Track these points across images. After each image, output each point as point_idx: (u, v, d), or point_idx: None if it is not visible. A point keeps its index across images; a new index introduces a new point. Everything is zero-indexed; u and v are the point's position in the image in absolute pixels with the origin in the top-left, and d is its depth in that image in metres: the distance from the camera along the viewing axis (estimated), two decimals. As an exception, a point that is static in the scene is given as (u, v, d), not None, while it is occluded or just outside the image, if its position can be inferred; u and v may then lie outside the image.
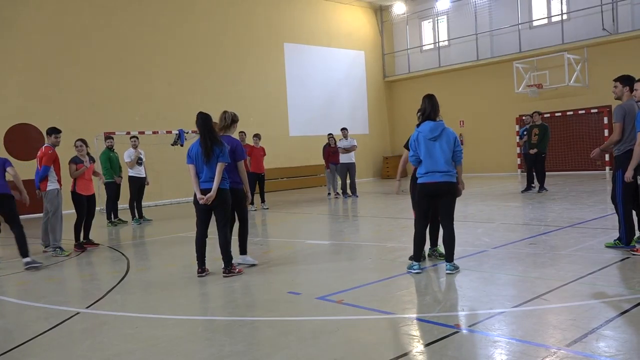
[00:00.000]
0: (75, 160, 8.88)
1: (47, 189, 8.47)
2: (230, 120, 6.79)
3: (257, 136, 13.76)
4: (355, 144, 15.84)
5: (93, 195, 9.06)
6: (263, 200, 14.21)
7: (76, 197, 8.75)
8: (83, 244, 8.92)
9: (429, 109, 5.90)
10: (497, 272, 5.86)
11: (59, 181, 8.61)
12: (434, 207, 6.00)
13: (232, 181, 6.57)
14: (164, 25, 18.15)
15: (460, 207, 11.65)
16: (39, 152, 8.54)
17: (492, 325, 4.17)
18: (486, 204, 12.01)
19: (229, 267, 6.34)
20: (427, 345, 3.85)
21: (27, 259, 7.55)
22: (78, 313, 5.19)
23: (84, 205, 8.82)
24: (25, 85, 15.37)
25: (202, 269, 6.40)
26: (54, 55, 15.89)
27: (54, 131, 8.69)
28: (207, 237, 6.46)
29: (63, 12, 16.13)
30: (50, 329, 4.72)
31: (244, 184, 6.76)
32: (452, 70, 22.73)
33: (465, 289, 5.34)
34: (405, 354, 3.71)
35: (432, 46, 23.93)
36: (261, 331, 4.40)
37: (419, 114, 6.03)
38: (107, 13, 16.94)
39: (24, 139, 13.21)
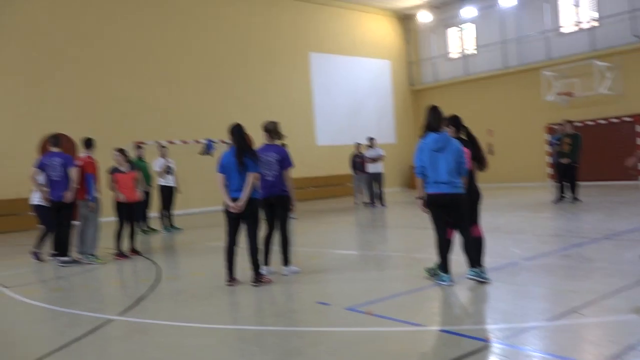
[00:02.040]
0: (113, 170, 9.10)
1: (86, 197, 8.67)
2: (280, 130, 6.96)
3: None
4: (383, 153, 15.82)
5: (134, 203, 9.18)
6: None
7: (117, 205, 8.96)
8: (124, 252, 9.05)
9: (432, 121, 5.90)
10: (529, 285, 5.77)
11: (97, 189, 8.84)
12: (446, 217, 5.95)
13: (280, 189, 6.72)
14: (192, 36, 18.42)
15: (489, 218, 11.52)
16: (79, 162, 8.75)
17: (526, 340, 4.11)
18: (516, 215, 11.84)
19: (258, 276, 6.37)
20: (457, 359, 3.81)
21: (66, 258, 8.26)
22: (111, 320, 5.27)
23: (123, 213, 9.01)
24: (62, 97, 15.74)
25: (231, 278, 6.44)
26: (89, 67, 16.25)
27: (92, 142, 9.00)
28: (237, 246, 6.51)
29: (96, 26, 16.52)
30: (84, 335, 4.80)
31: (290, 192, 6.85)
32: (479, 79, 22.53)
33: (496, 302, 5.27)
34: (437, 367, 3.68)
35: (458, 54, 23.79)
36: (291, 341, 4.41)
37: (455, 120, 6.05)
38: (137, 27, 17.28)
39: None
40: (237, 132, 6.44)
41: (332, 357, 3.94)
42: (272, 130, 6.94)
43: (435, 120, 5.88)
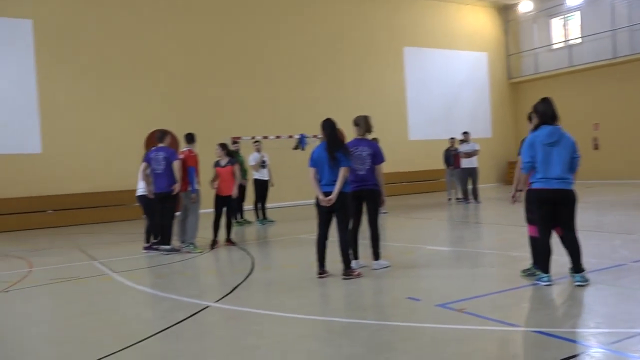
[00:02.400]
0: (215, 164, 9.58)
1: (188, 189, 9.14)
2: (369, 123, 6.97)
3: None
4: (478, 148, 15.34)
5: (231, 196, 9.55)
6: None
7: (215, 198, 9.46)
8: (220, 242, 9.49)
9: (547, 113, 5.58)
10: (636, 288, 5.37)
11: (198, 182, 9.29)
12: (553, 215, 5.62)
13: (372, 183, 6.75)
14: (285, 34, 18.80)
15: (595, 216, 10.84)
16: (182, 156, 9.22)
17: (632, 346, 3.83)
18: (624, 214, 11.05)
19: (348, 270, 6.41)
20: (556, 361, 3.63)
21: (167, 246, 8.84)
22: (208, 307, 5.52)
23: (219, 205, 9.44)
24: (163, 97, 16.66)
25: (322, 270, 6.53)
26: (187, 67, 17.08)
27: (194, 137, 9.51)
28: (327, 239, 6.58)
29: (195, 29, 17.31)
30: (184, 319, 5.06)
31: (381, 187, 6.86)
32: (584, 70, 21.19)
33: (600, 305, 4.96)
34: (532, 370, 3.52)
35: (562, 44, 22.52)
36: (380, 335, 4.40)
37: (532, 115, 5.74)
38: (232, 28, 17.92)
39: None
40: (328, 127, 6.51)
41: (422, 353, 3.89)
42: (362, 124, 6.94)
43: (548, 113, 5.58)
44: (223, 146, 9.71)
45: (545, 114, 5.58)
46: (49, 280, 7.36)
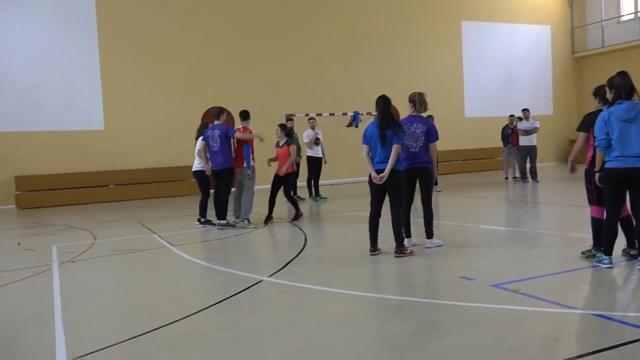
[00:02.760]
0: (276, 144, 9.77)
1: (243, 165, 9.29)
2: (426, 101, 6.87)
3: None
4: (537, 125, 14.83)
5: (287, 175, 9.60)
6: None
7: (274, 176, 9.64)
8: (273, 218, 9.70)
9: (624, 87, 5.27)
10: None
11: (253, 159, 9.43)
12: (624, 196, 5.37)
13: (425, 161, 6.68)
14: (340, 9, 18.62)
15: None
16: (237, 133, 9.35)
17: (699, 333, 3.66)
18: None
19: (400, 248, 6.39)
20: (614, 347, 3.51)
21: (222, 221, 9.07)
22: (261, 281, 5.64)
23: (276, 184, 9.64)
24: (220, 73, 16.91)
25: (374, 247, 6.54)
26: (243, 45, 17.23)
27: (248, 114, 9.65)
28: (380, 216, 6.57)
29: (251, 8, 17.40)
30: (238, 292, 5.20)
31: (433, 165, 6.78)
32: (656, 43, 20.03)
33: (665, 289, 4.75)
34: (591, 354, 3.43)
35: (632, 16, 21.30)
36: (432, 313, 4.38)
37: (599, 92, 5.47)
38: (287, 6, 17.92)
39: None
40: (381, 103, 6.42)
41: (475, 333, 3.85)
42: (417, 101, 6.83)
43: (625, 87, 5.28)
44: (282, 126, 9.82)
45: (621, 88, 5.29)
46: (112, 251, 7.69)
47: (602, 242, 5.48)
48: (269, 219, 9.58)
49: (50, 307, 4.97)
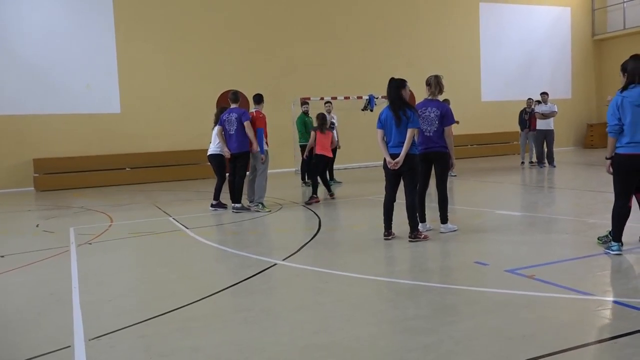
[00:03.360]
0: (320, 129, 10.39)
1: (257, 150, 9.30)
2: (442, 85, 6.78)
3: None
4: (556, 109, 14.63)
5: (320, 157, 10.29)
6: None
7: (316, 157, 10.32)
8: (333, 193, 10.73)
9: (638, 71, 5.14)
10: None
11: (266, 143, 9.43)
12: (634, 184, 5.29)
13: (440, 145, 6.61)
14: (358, -9, 18.46)
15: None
16: (247, 123, 9.31)
17: None
18: None
19: (414, 232, 6.38)
20: (631, 333, 3.48)
21: (237, 205, 9.14)
22: (276, 264, 5.67)
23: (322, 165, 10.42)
24: (236, 55, 16.88)
25: (388, 232, 6.53)
26: (259, 27, 17.16)
27: (261, 98, 9.59)
28: (395, 201, 6.55)
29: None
30: (253, 275, 5.24)
31: (450, 150, 6.71)
32: (680, 25, 19.57)
33: (683, 276, 4.69)
34: (606, 340, 3.41)
35: (655, -3, 20.82)
36: (446, 298, 4.38)
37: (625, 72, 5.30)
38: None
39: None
40: (390, 87, 6.37)
41: (489, 317, 3.84)
42: (433, 84, 6.76)
43: (638, 71, 5.15)
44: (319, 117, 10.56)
45: (635, 71, 5.18)
46: (129, 233, 7.78)
47: (613, 228, 5.42)
48: (313, 198, 10.06)
49: (68, 288, 5.06)
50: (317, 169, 10.34)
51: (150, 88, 16.02)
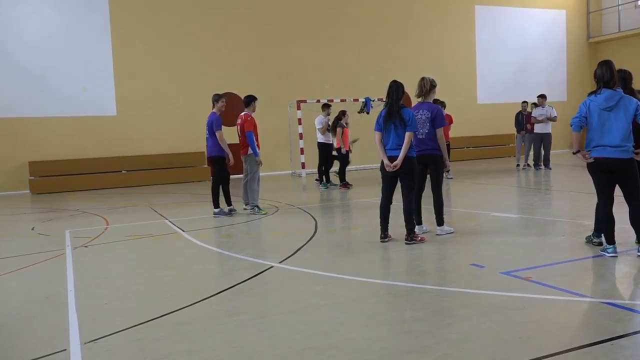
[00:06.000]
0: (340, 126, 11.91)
1: (247, 153, 9.26)
2: (429, 86, 6.77)
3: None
4: (555, 114, 14.66)
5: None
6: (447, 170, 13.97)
7: (338, 152, 12.21)
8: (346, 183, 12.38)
9: (603, 77, 5.26)
10: None
11: (257, 146, 9.37)
12: (612, 183, 5.38)
13: (432, 147, 6.63)
14: (354, -6, 18.50)
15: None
16: (239, 120, 9.29)
17: None
18: None
19: (411, 235, 6.38)
20: (627, 335, 3.50)
21: (215, 210, 9.18)
22: (272, 267, 5.67)
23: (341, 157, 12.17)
24: (231, 58, 16.88)
25: (385, 234, 6.54)
26: (255, 30, 17.17)
27: (253, 99, 9.37)
28: (391, 203, 6.56)
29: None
30: (249, 278, 5.23)
31: (442, 152, 6.72)
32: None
33: (678, 278, 4.71)
34: (602, 342, 3.41)
35: (649, 0, 20.95)
36: (442, 300, 4.38)
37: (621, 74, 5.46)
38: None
39: (228, 107, 14.56)
40: (394, 89, 6.39)
41: (485, 320, 3.85)
42: (417, 86, 6.78)
43: (607, 75, 5.27)
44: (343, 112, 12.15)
45: (600, 78, 5.31)
46: (125, 236, 7.76)
47: (602, 231, 5.47)
48: (345, 185, 11.84)
49: (64, 291, 5.04)
50: (347, 162, 12.10)
51: (146, 91, 16.00)
